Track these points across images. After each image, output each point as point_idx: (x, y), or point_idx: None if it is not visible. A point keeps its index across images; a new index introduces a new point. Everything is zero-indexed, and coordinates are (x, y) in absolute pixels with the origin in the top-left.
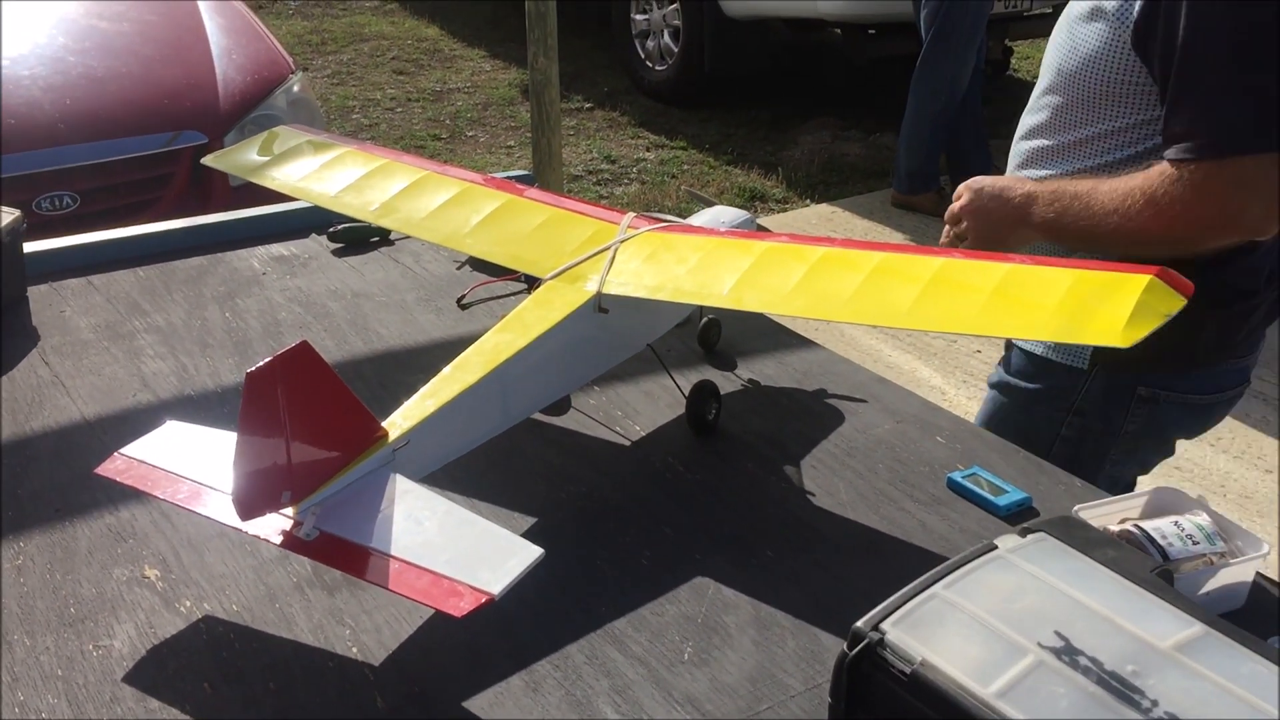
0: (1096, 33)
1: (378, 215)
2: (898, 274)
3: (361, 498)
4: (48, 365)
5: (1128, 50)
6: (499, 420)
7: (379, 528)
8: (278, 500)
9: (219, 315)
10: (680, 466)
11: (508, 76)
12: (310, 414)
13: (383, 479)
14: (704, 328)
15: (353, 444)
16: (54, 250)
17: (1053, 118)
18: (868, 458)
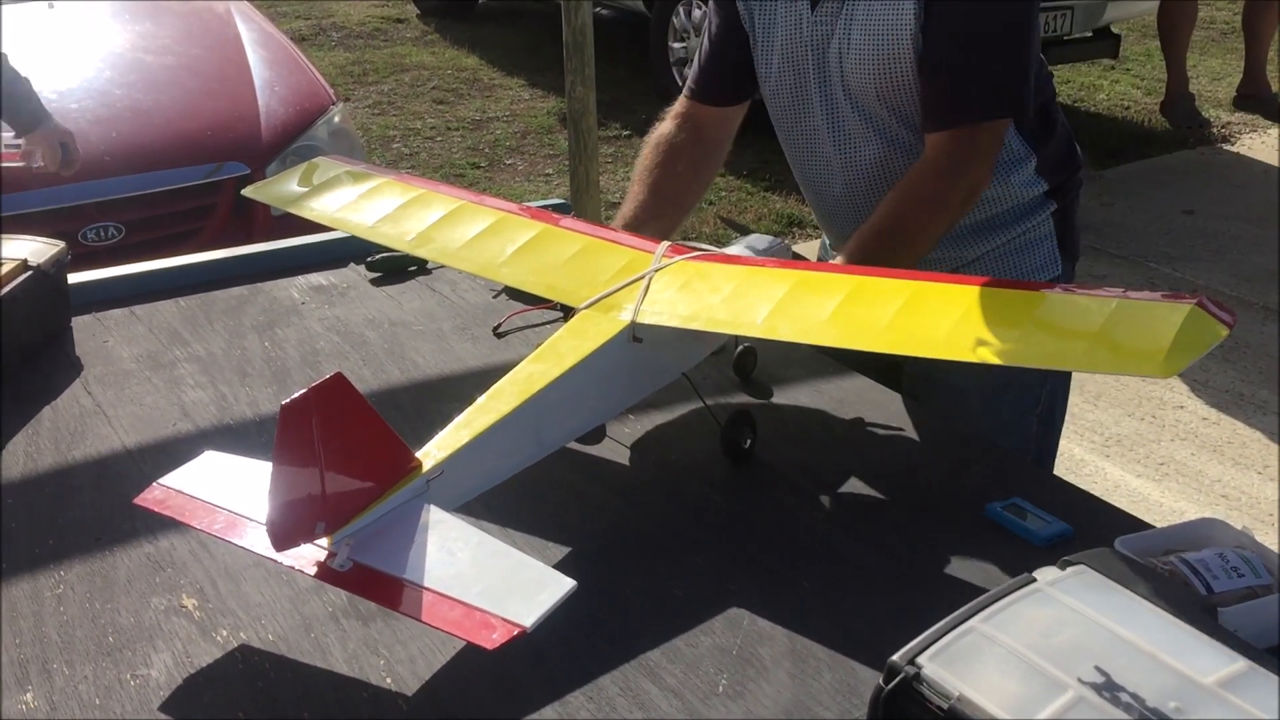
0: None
1: (414, 245)
2: (932, 302)
3: (395, 529)
4: (90, 395)
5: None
6: (533, 450)
7: (412, 559)
8: (311, 531)
9: (258, 345)
10: (714, 496)
11: (546, 105)
12: (345, 445)
13: (416, 510)
14: (740, 355)
15: (387, 475)
16: (97, 281)
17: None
18: (905, 487)
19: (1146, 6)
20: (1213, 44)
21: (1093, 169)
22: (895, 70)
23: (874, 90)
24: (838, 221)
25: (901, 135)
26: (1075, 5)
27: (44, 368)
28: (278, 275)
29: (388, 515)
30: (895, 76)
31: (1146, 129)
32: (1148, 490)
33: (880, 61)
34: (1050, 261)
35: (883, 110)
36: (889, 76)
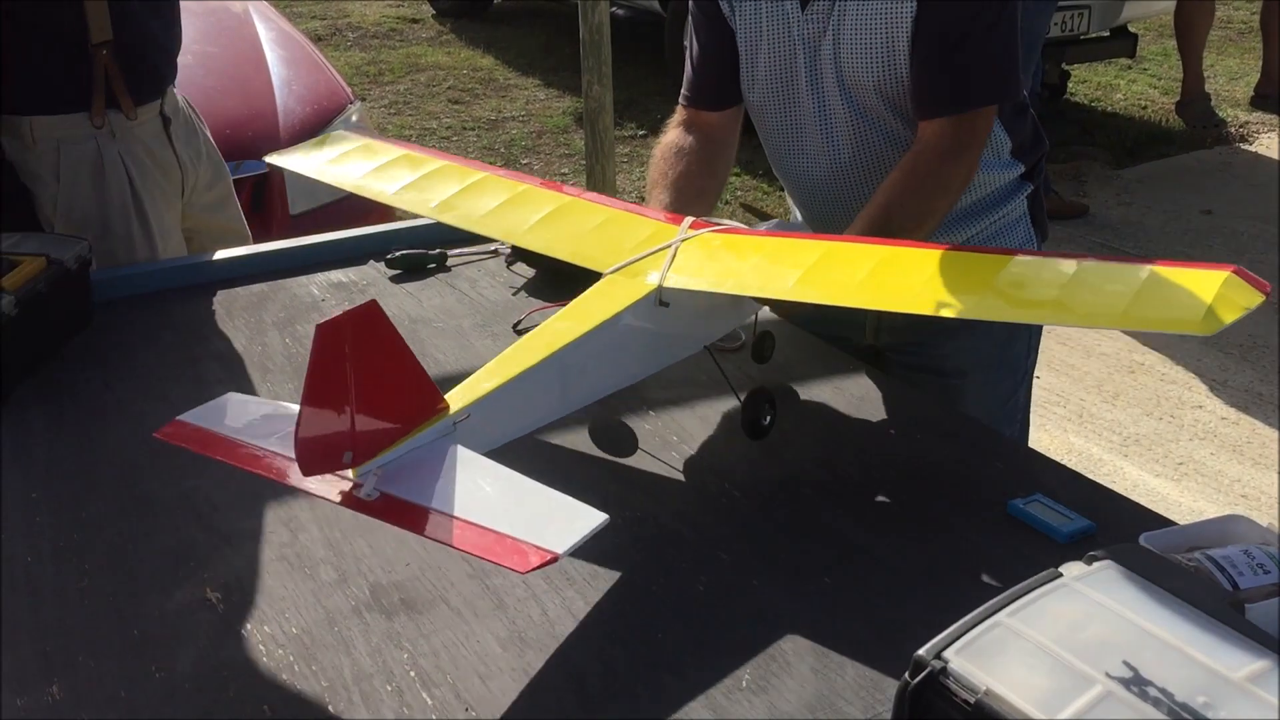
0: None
1: (437, 211)
2: (967, 269)
3: (423, 464)
4: (112, 391)
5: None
6: (557, 405)
7: (440, 490)
8: (339, 460)
9: (279, 341)
10: (736, 493)
11: (561, 105)
12: (376, 376)
13: (444, 448)
14: (758, 340)
15: (415, 412)
16: (119, 277)
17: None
18: (926, 484)
19: (1164, 6)
20: (1230, 43)
21: (1109, 168)
22: (894, 64)
23: (873, 84)
24: (821, 214)
25: (892, 125)
26: (1092, 4)
27: (67, 363)
28: (298, 272)
29: (415, 452)
30: (894, 69)
31: (1164, 128)
32: (1167, 490)
33: (880, 56)
34: (1028, 240)
35: (879, 103)
36: (889, 70)
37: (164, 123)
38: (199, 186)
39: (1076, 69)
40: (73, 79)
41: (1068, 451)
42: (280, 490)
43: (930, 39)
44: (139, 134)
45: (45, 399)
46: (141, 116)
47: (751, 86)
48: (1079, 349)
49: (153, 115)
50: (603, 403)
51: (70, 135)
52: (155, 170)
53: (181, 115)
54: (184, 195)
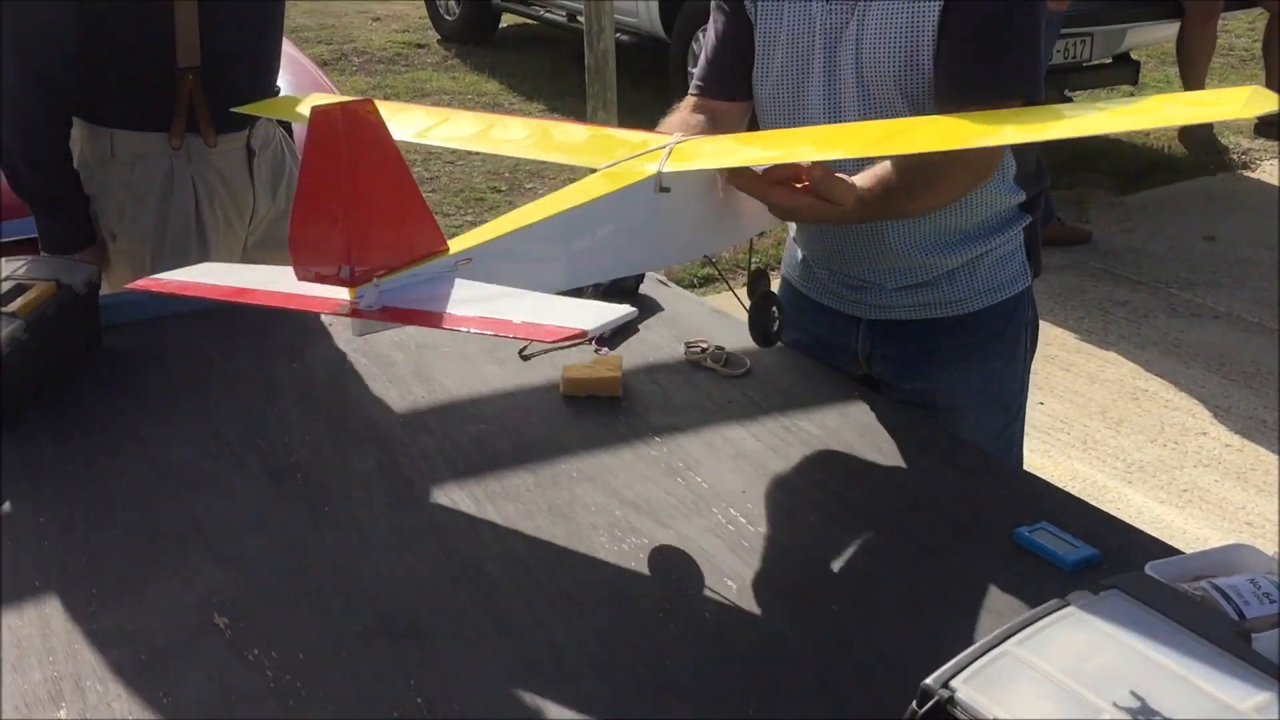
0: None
1: (419, 135)
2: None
3: (427, 288)
4: (120, 414)
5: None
6: (560, 272)
7: (453, 299)
8: (336, 273)
9: (286, 366)
10: (742, 519)
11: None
12: (375, 193)
13: (449, 281)
14: (761, 301)
15: (416, 244)
16: (127, 301)
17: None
18: (932, 511)
19: (1165, 33)
20: (1232, 70)
21: (1113, 195)
22: (919, 57)
23: (893, 77)
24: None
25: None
26: (1094, 31)
27: (75, 388)
28: None
29: (416, 280)
30: (918, 63)
31: (1167, 155)
32: (1171, 517)
33: (905, 48)
34: (1021, 273)
35: (896, 96)
36: (912, 62)
37: (248, 154)
38: (266, 219)
39: (1079, 95)
40: (157, 99)
41: (1072, 478)
42: (288, 515)
43: (961, 29)
44: (215, 161)
45: (53, 423)
46: (222, 145)
47: (764, 81)
48: (1082, 375)
49: (236, 146)
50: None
51: (148, 152)
52: (226, 197)
53: (271, 149)
54: (249, 223)
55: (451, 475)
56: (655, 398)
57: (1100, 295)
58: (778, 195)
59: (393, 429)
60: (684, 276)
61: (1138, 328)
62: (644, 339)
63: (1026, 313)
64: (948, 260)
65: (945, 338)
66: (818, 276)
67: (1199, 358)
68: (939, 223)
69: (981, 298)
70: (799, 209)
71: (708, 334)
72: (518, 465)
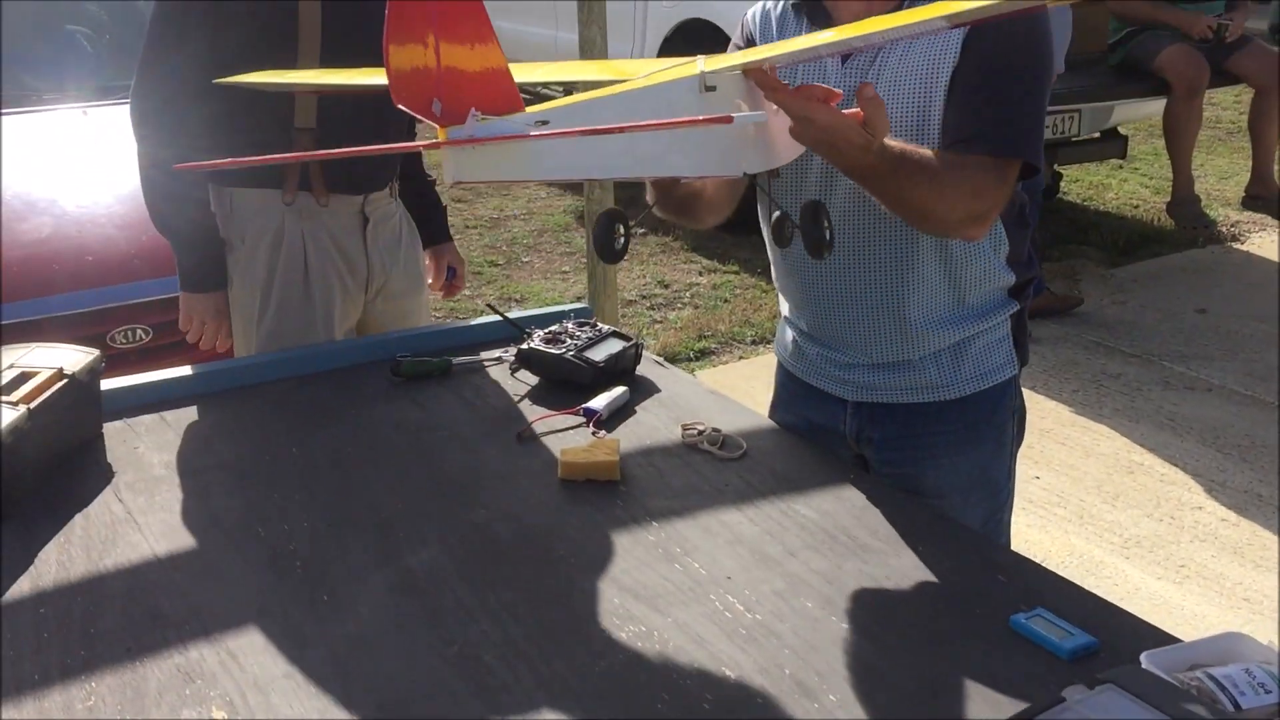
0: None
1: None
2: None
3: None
4: (121, 502)
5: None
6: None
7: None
8: (427, 103)
9: (287, 450)
10: (739, 605)
11: (563, 203)
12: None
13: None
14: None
15: (500, 97)
16: (129, 387)
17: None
18: (929, 597)
19: (1152, 109)
20: (1219, 143)
21: (1103, 267)
22: (931, 115)
23: (906, 135)
24: (813, 283)
25: None
26: (1083, 108)
27: (76, 475)
28: (304, 379)
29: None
30: (930, 120)
31: (1156, 228)
32: (1169, 593)
33: (918, 108)
34: (1009, 362)
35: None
36: (925, 121)
37: (362, 220)
38: (386, 292)
39: (1068, 169)
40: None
41: (1069, 554)
42: (288, 604)
43: (971, 88)
44: (327, 220)
45: (54, 511)
46: (334, 205)
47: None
48: (1078, 449)
49: (351, 209)
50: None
51: (263, 207)
52: (338, 257)
53: (389, 224)
54: (367, 293)
55: (450, 562)
56: (653, 481)
57: (1094, 368)
58: (814, 108)
59: (392, 514)
60: (680, 351)
61: (1131, 400)
62: (641, 421)
63: (1013, 401)
64: (937, 338)
65: (933, 423)
66: (807, 355)
67: (1193, 431)
68: (934, 294)
69: (969, 384)
70: (836, 127)
71: (704, 416)
72: (516, 551)
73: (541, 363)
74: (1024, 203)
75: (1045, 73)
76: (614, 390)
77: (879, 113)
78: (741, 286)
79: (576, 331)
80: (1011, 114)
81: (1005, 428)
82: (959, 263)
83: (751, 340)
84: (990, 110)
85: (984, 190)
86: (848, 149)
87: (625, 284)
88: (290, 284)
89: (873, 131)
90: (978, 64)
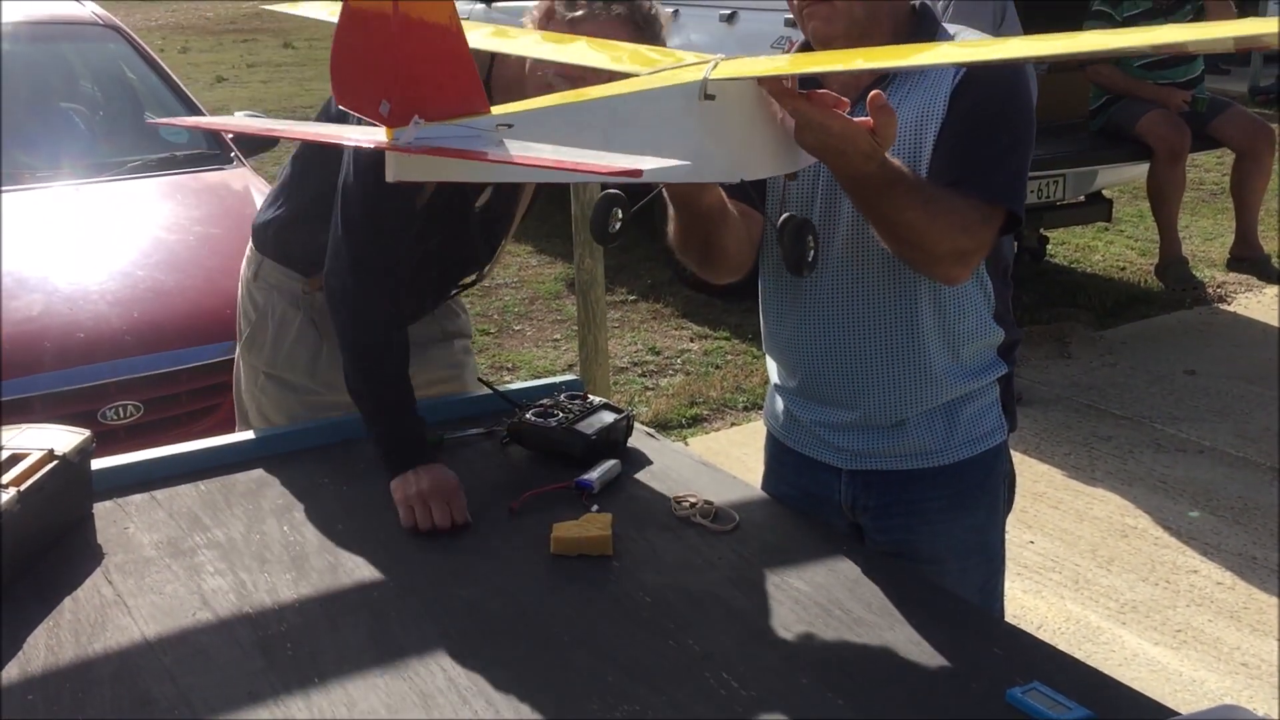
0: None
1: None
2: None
3: (465, 140)
4: (110, 584)
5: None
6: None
7: (492, 149)
8: (375, 104)
9: (277, 529)
10: (734, 683)
11: (553, 271)
12: (426, 35)
13: (489, 138)
14: (800, 227)
15: (460, 100)
16: (119, 467)
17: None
18: (925, 671)
19: (1136, 173)
20: (1203, 204)
21: (1092, 329)
22: (919, 168)
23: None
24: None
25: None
26: (1067, 173)
27: (66, 556)
28: (295, 456)
29: (458, 132)
30: (921, 162)
31: (1143, 289)
32: (1166, 659)
33: (911, 148)
34: (998, 427)
35: None
36: (917, 162)
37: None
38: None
39: (1055, 232)
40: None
41: (1066, 619)
42: (279, 687)
43: (957, 136)
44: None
45: (42, 592)
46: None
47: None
48: (1071, 512)
49: None
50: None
51: (282, 284)
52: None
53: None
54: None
55: (442, 641)
56: (646, 556)
57: (1085, 431)
58: (828, 115)
59: (384, 593)
60: (672, 418)
61: (1124, 463)
62: (633, 494)
63: (1005, 465)
64: (930, 394)
65: (927, 489)
66: (800, 421)
67: (1186, 493)
68: (929, 347)
69: (961, 449)
70: (847, 134)
71: (696, 487)
72: (509, 629)
73: (533, 436)
74: (1008, 263)
75: (1028, 127)
76: (606, 463)
77: (889, 121)
78: (733, 352)
79: (568, 404)
80: (996, 162)
81: (998, 493)
82: (953, 315)
83: (744, 406)
84: (976, 157)
85: (971, 228)
86: (854, 155)
87: (617, 351)
88: (291, 366)
89: (880, 140)
90: (964, 115)
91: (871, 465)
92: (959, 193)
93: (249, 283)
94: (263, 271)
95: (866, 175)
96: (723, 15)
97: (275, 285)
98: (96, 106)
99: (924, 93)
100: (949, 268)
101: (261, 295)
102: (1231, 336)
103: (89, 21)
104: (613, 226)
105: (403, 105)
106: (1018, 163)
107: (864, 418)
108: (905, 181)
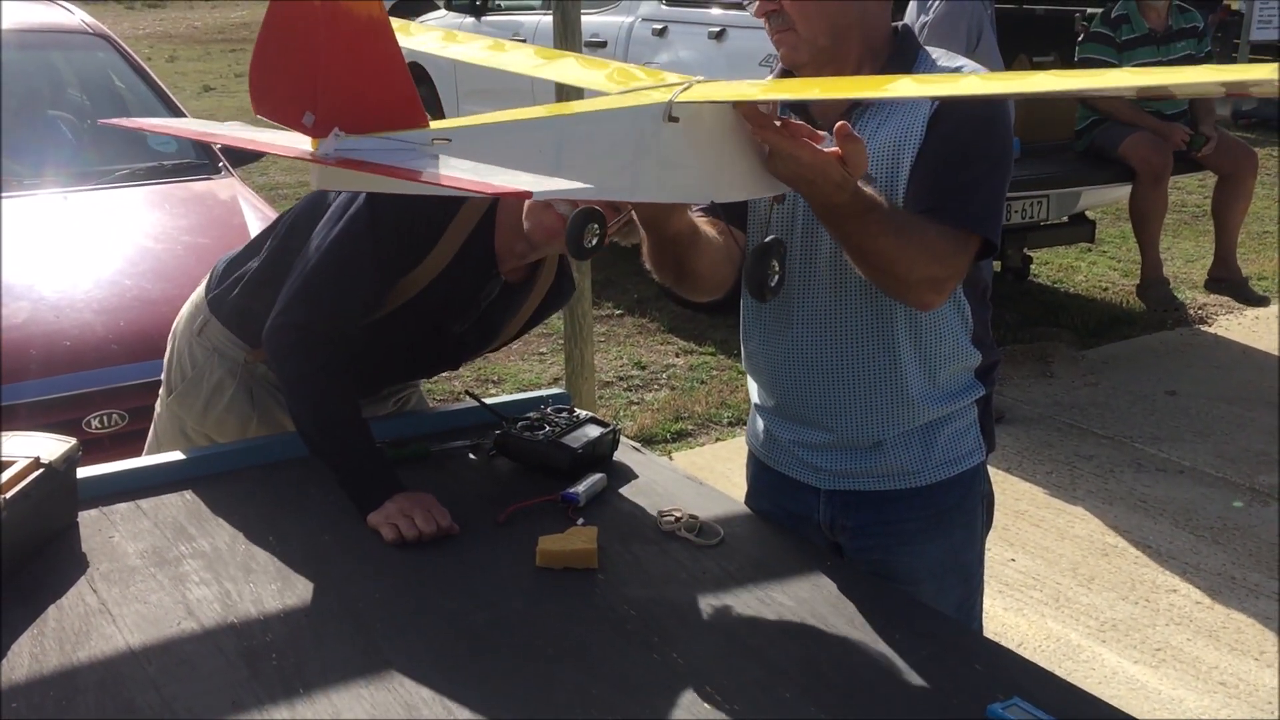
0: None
1: (439, 48)
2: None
3: (391, 154)
4: (95, 593)
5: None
6: (547, 174)
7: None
8: (297, 116)
9: (263, 539)
10: (718, 696)
11: None
12: (356, 45)
13: (417, 153)
14: (764, 249)
15: (393, 114)
16: (104, 475)
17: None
18: (907, 686)
19: (1118, 194)
20: (1185, 226)
21: (1074, 349)
22: (896, 195)
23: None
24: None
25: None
26: (1050, 194)
27: (50, 565)
28: (280, 467)
29: (385, 145)
30: (898, 188)
31: (1125, 309)
32: (1145, 677)
33: (886, 186)
34: (976, 448)
35: None
36: (892, 190)
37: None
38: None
39: (1038, 252)
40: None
41: (1046, 638)
42: (263, 697)
43: (934, 163)
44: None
45: (27, 601)
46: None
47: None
48: (1052, 531)
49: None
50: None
51: (224, 349)
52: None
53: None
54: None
55: (427, 653)
56: (631, 569)
57: (1067, 450)
58: (799, 146)
59: (369, 604)
60: (657, 432)
61: (1105, 482)
62: (618, 508)
63: (982, 486)
64: (907, 416)
65: (905, 510)
66: (779, 441)
67: (1166, 513)
68: (905, 369)
69: (939, 470)
70: (817, 164)
71: (681, 502)
72: (494, 642)
73: (519, 449)
74: (986, 285)
75: (1006, 156)
76: (592, 476)
77: (857, 150)
78: (718, 368)
79: (554, 417)
80: (972, 190)
81: (975, 513)
82: (930, 339)
83: (728, 422)
84: (952, 184)
85: (944, 256)
86: (825, 185)
87: (602, 365)
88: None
89: (851, 169)
90: (942, 141)
91: (849, 485)
92: (934, 220)
93: (191, 337)
94: (208, 330)
95: (839, 205)
96: (711, 33)
97: (217, 349)
98: (84, 114)
99: (902, 117)
100: (923, 294)
101: (202, 354)
102: (1212, 357)
103: (78, 29)
104: (589, 242)
105: (327, 115)
106: (994, 190)
107: (841, 439)
108: (879, 210)
